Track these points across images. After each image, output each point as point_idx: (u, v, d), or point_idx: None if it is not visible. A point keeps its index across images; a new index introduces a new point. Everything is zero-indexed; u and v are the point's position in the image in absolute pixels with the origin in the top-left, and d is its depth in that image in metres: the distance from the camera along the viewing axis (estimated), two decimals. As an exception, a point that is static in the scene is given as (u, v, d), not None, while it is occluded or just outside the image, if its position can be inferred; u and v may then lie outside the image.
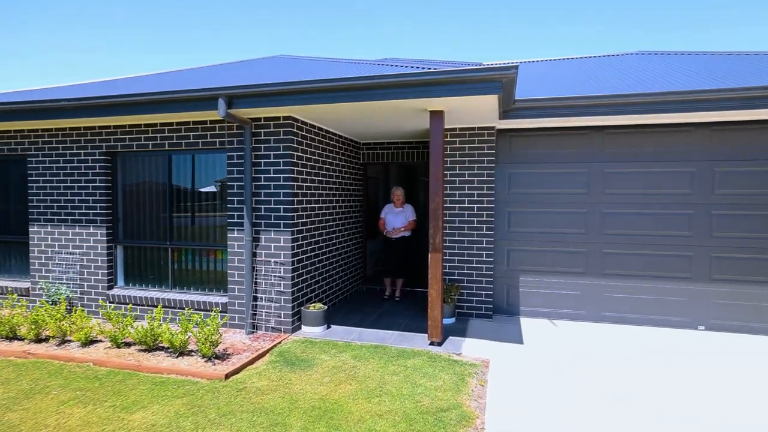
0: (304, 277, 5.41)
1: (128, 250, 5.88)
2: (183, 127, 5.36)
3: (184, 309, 5.44)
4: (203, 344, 4.28)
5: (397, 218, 6.49)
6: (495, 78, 3.90)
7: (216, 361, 4.30)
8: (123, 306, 5.70)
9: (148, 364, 4.18)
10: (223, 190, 5.38)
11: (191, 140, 5.34)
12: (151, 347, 4.57)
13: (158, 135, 5.46)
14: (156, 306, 5.53)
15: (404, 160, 7.35)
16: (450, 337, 5.08)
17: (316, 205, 5.68)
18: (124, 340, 4.70)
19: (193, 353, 4.47)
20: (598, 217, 5.69)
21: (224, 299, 5.33)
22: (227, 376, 3.95)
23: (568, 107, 5.05)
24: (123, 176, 5.85)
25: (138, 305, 5.63)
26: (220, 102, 4.57)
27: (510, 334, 5.24)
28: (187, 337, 4.41)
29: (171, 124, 5.40)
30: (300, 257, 5.28)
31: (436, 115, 4.70)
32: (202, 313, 5.37)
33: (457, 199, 5.90)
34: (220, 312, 5.31)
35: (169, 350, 4.52)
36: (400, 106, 4.57)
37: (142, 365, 4.16)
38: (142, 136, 5.53)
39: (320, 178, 5.80)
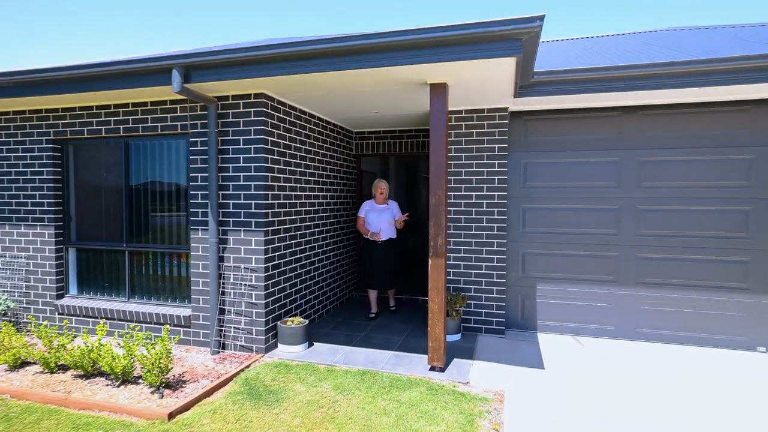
0: (282, 285, 4.57)
1: (82, 252, 5.07)
2: (140, 108, 4.54)
3: (142, 323, 4.63)
4: (149, 372, 3.45)
5: (381, 217, 5.42)
6: (513, 34, 3.03)
7: (166, 391, 3.47)
8: (74, 318, 4.89)
9: (77, 398, 3.35)
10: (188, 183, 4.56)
11: (149, 124, 4.52)
12: (90, 373, 3.75)
13: (112, 118, 4.65)
14: (112, 319, 4.71)
15: (403, 151, 6.49)
16: (455, 360, 4.22)
17: (297, 201, 4.85)
18: (58, 363, 3.89)
19: (139, 381, 3.64)
20: (632, 215, 4.80)
21: (187, 311, 4.50)
22: (171, 416, 3.11)
23: (598, 80, 4.16)
24: (75, 168, 5.04)
25: (90, 317, 4.82)
26: (174, 74, 3.74)
27: (528, 355, 4.37)
28: (131, 361, 3.59)
29: (126, 105, 4.59)
30: (276, 262, 4.44)
31: (438, 90, 3.84)
32: (162, 327, 4.55)
33: (463, 193, 5.03)
34: (183, 326, 4.49)
35: (111, 377, 3.70)
36: (394, 77, 3.71)
37: (70, 399, 3.34)
38: (94, 120, 4.72)
39: (302, 170, 4.96)
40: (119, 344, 3.74)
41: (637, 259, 4.79)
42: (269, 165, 4.29)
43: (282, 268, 4.56)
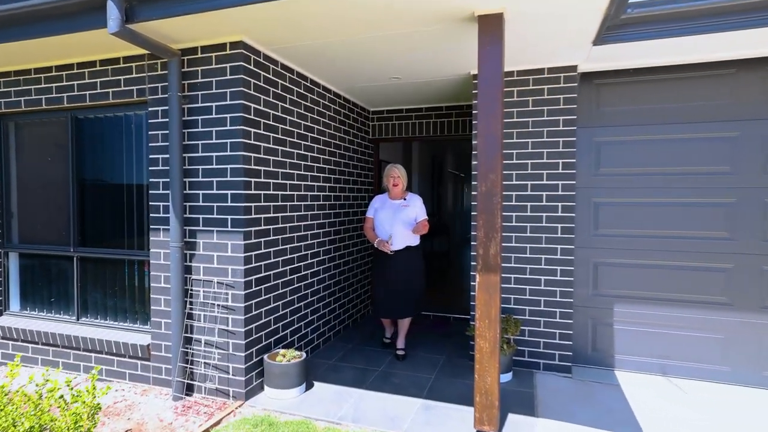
0: (272, 306, 3.41)
1: (26, 258, 4.02)
2: (87, 70, 3.45)
3: (91, 351, 3.53)
4: (62, 441, 2.32)
5: (394, 217, 3.86)
6: None
7: (88, 469, 2.34)
8: (12, 343, 3.84)
9: (-51, 481, 2.25)
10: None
11: (98, 90, 3.42)
12: (-7, 432, 2.65)
13: (53, 85, 3.57)
14: (55, 345, 3.64)
15: (431, 134, 5.26)
16: (510, 416, 2.97)
17: (294, 193, 3.68)
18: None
19: (57, 448, 2.52)
20: (756, 213, 3.46)
21: (147, 338, 3.38)
22: None
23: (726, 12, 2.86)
24: (16, 151, 4.00)
25: (30, 343, 3.76)
26: (111, 7, 2.61)
27: (613, 410, 3.08)
28: (35, 425, 2.46)
29: (71, 67, 3.50)
30: (263, 275, 3.28)
31: (490, 25, 2.61)
32: (116, 359, 3.44)
33: (514, 183, 3.78)
34: (141, 359, 3.37)
35: (19, 440, 2.59)
36: (423, 7, 2.50)
37: (-61, 483, 2.24)
38: (32, 87, 3.65)
39: (301, 152, 3.79)
40: (38, 392, 2.63)
41: (764, 273, 3.44)
42: (252, 142, 3.14)
43: (272, 283, 3.40)
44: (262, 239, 3.26)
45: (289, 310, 3.65)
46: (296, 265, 3.74)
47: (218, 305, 3.12)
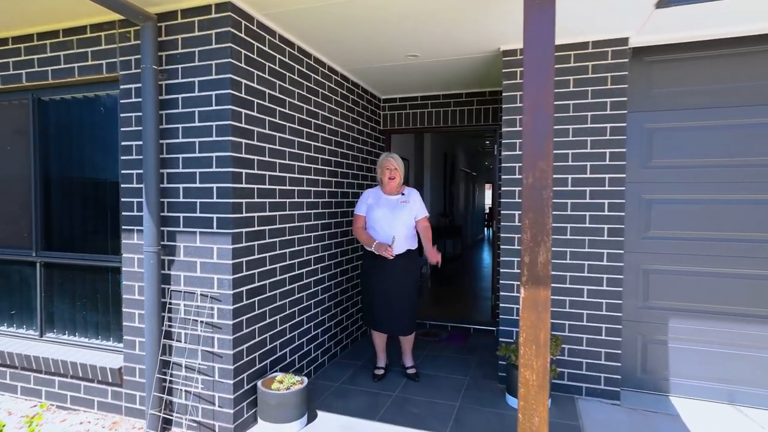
0: (266, 322, 2.87)
1: (-12, 264, 3.50)
2: (48, 42, 2.92)
3: (55, 375, 3.00)
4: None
5: (394, 216, 3.27)
6: None
7: None
8: (-32, 361, 3.32)
9: None
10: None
11: (62, 66, 2.89)
12: None
13: (11, 60, 3.04)
14: (14, 367, 3.11)
15: (449, 125, 4.71)
16: (558, 461, 2.41)
17: (295, 188, 3.15)
18: None
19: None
20: None
21: (119, 360, 2.85)
22: None
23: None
24: (-24, 140, 3.48)
25: (-11, 362, 3.24)
26: (64, -47, 2.08)
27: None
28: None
29: (29, 38, 2.97)
30: (257, 285, 2.74)
31: (541, -28, 2.06)
32: (84, 383, 2.91)
33: (552, 177, 3.22)
34: (112, 385, 2.83)
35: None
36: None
37: None
38: (-10, 64, 3.14)
39: (301, 140, 3.26)
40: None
41: None
42: (244, 126, 2.60)
43: (268, 294, 2.86)
44: (256, 242, 2.73)
45: (288, 326, 3.11)
46: (297, 272, 3.21)
47: (202, 322, 2.59)
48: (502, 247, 3.37)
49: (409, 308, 3.38)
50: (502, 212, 3.34)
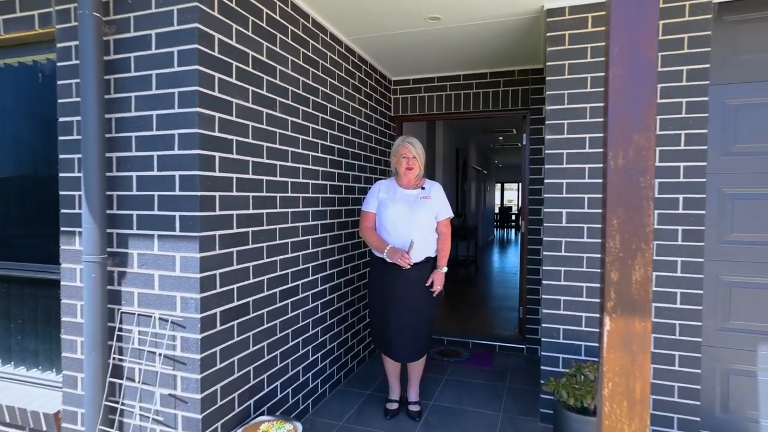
0: (249, 351, 2.22)
1: None
2: (-26, -7, 2.30)
3: (-16, 415, 2.36)
4: None
5: (414, 214, 2.63)
6: None
7: None
8: None
9: None
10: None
11: (-10, 23, 2.26)
12: None
13: (-69, 18, 2.43)
14: (-61, 401, 2.48)
15: (472, 110, 4.06)
16: None
17: (289, 180, 2.50)
18: None
19: None
20: None
21: (57, 401, 2.21)
22: None
23: None
24: None
25: None
26: None
27: None
28: None
29: (-47, -11, 2.35)
30: (233, 305, 2.10)
31: None
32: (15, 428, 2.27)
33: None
34: None
35: None
36: None
37: None
38: None
39: (296, 120, 2.62)
40: None
41: None
42: (216, 95, 1.96)
43: (251, 315, 2.22)
44: (234, 249, 2.09)
45: (279, 353, 2.47)
46: (290, 285, 2.56)
47: (161, 355, 1.95)
48: (544, 253, 2.71)
49: (425, 330, 2.72)
50: (544, 210, 2.69)
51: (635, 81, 1.36)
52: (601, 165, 2.55)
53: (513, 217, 17.87)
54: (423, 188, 2.74)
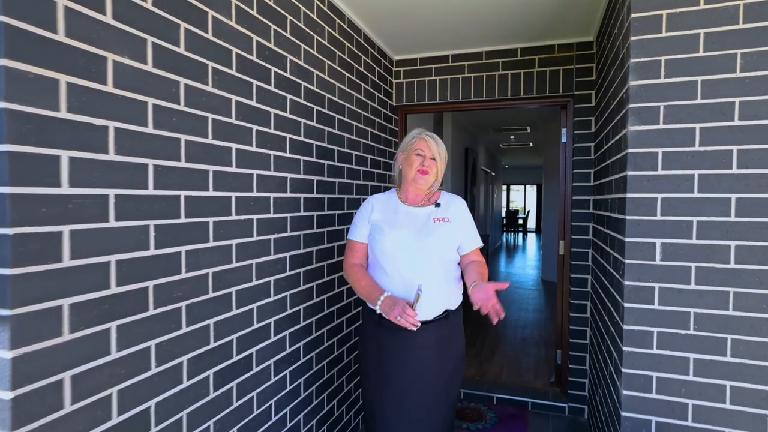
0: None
1: None
2: None
3: None
4: None
5: (420, 243, 1.69)
6: None
7: None
8: None
9: None
10: None
11: None
12: None
13: None
14: None
15: (499, 97, 3.14)
16: None
17: (231, 195, 1.59)
18: None
19: None
20: None
21: None
22: None
23: None
24: None
25: None
26: None
27: None
28: None
29: None
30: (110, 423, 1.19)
31: None
32: None
33: (719, 174, 1.65)
34: None
35: None
36: None
37: None
38: None
39: (246, 101, 1.70)
40: None
41: None
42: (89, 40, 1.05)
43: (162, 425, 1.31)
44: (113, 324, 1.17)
45: (214, 468, 1.55)
46: (236, 359, 1.65)
47: None
48: (626, 305, 1.79)
49: (443, 414, 1.77)
50: (626, 240, 1.77)
51: None
52: (722, 171, 1.63)
53: (520, 221, 16.96)
54: (438, 205, 1.83)
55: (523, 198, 21.25)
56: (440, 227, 1.75)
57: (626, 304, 1.76)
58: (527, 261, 10.31)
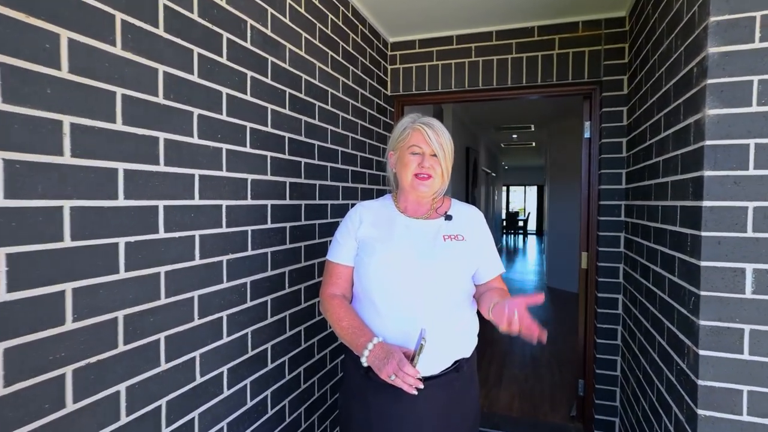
0: None
1: None
2: None
3: None
4: None
5: (426, 267, 1.22)
6: None
7: None
8: None
9: None
10: None
11: None
12: None
13: None
14: None
15: (512, 84, 2.67)
16: None
17: (186, 203, 1.12)
18: None
19: None
20: None
21: None
22: None
23: None
24: None
25: None
26: None
27: None
28: None
29: None
30: None
31: None
32: None
33: None
34: None
35: None
36: None
37: None
38: None
39: (208, 85, 1.22)
40: None
41: None
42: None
43: None
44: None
45: None
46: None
47: None
48: (702, 353, 1.32)
49: None
50: (701, 264, 1.30)
51: None
52: None
53: (521, 223, 16.52)
54: (449, 217, 1.35)
55: (522, 199, 20.82)
56: (452, 247, 1.28)
57: (702, 352, 1.30)
58: (528, 266, 9.86)
